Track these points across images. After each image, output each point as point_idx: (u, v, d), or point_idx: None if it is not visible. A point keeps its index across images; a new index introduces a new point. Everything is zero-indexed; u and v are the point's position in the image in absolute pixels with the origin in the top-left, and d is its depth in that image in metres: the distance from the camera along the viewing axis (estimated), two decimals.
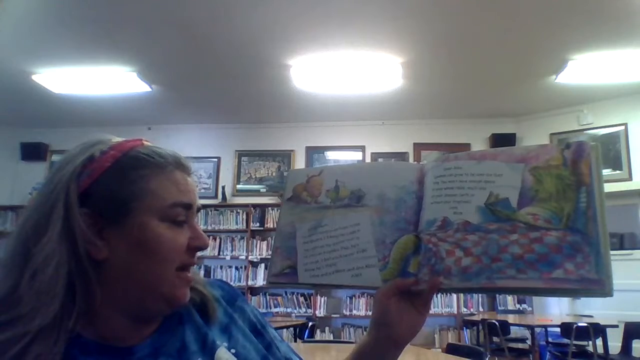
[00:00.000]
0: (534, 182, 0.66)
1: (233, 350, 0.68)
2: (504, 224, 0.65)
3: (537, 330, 4.53)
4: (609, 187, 5.28)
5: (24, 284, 0.56)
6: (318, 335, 5.44)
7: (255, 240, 6.02)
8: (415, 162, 0.72)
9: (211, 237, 6.05)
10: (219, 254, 5.99)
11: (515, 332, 4.90)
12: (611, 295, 0.59)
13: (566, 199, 0.63)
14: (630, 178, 5.29)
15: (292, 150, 6.34)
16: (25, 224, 0.60)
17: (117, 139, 0.66)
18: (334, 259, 0.75)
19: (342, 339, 5.30)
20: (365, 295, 5.70)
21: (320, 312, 5.74)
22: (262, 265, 5.93)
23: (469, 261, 0.66)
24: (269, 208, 6.04)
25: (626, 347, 4.23)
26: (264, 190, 6.28)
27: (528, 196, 0.66)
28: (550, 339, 4.69)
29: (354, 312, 5.69)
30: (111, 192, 0.60)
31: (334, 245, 0.76)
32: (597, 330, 3.97)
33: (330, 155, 6.33)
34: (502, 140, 5.94)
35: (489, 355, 3.80)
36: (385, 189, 0.76)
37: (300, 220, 0.79)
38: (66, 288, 0.56)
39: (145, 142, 0.67)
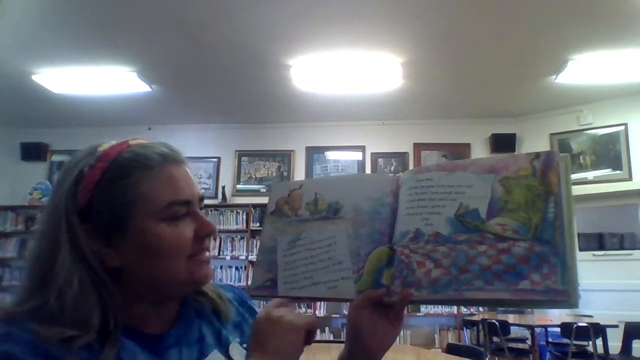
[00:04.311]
0: (503, 192, 0.66)
1: (245, 345, 0.73)
2: (472, 235, 0.65)
3: (537, 330, 4.53)
4: (609, 187, 5.30)
5: (52, 302, 0.59)
6: (318, 335, 5.43)
7: (255, 240, 6.01)
8: (391, 174, 0.74)
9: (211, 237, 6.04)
10: (219, 254, 5.98)
11: (515, 332, 4.90)
12: (576, 307, 0.59)
13: (535, 210, 0.63)
14: (630, 178, 5.29)
15: (292, 150, 6.34)
16: (37, 249, 0.63)
17: (103, 147, 0.66)
18: (311, 272, 0.75)
19: (342, 339, 5.28)
20: None
21: (320, 312, 5.74)
22: None
23: (438, 273, 0.66)
24: None
25: (626, 347, 4.23)
26: (264, 190, 6.28)
27: (497, 207, 0.65)
28: (550, 339, 4.69)
29: None
30: (107, 204, 0.62)
31: (312, 258, 0.76)
32: (597, 330, 3.97)
33: (330, 155, 6.32)
34: (502, 140, 5.94)
35: (489, 355, 3.80)
36: (360, 201, 0.76)
37: (281, 234, 0.80)
38: (99, 301, 0.60)
39: (131, 143, 0.67)
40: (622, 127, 5.37)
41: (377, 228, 0.74)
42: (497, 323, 4.32)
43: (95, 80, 4.90)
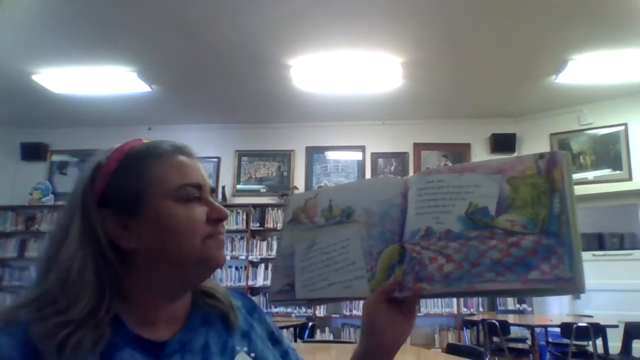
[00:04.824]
0: (510, 191, 0.70)
1: (253, 354, 0.74)
2: (483, 231, 0.69)
3: (537, 330, 4.54)
4: (609, 187, 5.30)
5: (54, 284, 0.62)
6: (318, 335, 5.44)
7: (255, 240, 6.02)
8: (399, 177, 0.79)
9: None
10: None
11: (515, 332, 4.90)
12: (584, 292, 0.63)
13: (541, 205, 0.67)
14: (630, 178, 5.29)
15: (292, 150, 6.34)
16: (52, 233, 0.68)
17: (119, 145, 0.72)
18: (327, 274, 0.79)
19: (342, 339, 5.30)
20: None
21: (320, 312, 5.74)
22: (262, 265, 5.93)
23: (450, 267, 0.69)
24: (269, 208, 6.03)
25: (626, 347, 4.23)
26: (264, 190, 6.28)
27: (505, 204, 0.69)
28: (550, 339, 4.69)
29: (354, 312, 5.69)
30: (123, 189, 0.67)
31: (327, 261, 0.80)
32: (597, 330, 3.97)
33: (330, 155, 6.32)
34: (502, 140, 5.94)
35: (489, 355, 3.80)
36: (372, 203, 0.80)
37: (298, 241, 0.84)
38: (97, 281, 0.63)
39: (144, 141, 0.73)
40: (622, 127, 5.37)
41: (388, 228, 0.77)
42: (497, 323, 4.33)
43: (95, 80, 4.90)
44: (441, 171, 0.76)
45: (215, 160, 6.37)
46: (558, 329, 4.17)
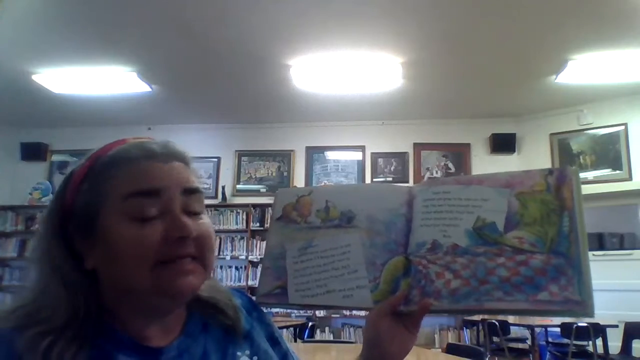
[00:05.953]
0: (519, 206, 0.68)
1: (255, 358, 0.70)
2: (491, 248, 0.67)
3: (537, 330, 4.53)
4: (609, 187, 5.30)
5: (32, 296, 0.58)
6: (318, 335, 5.44)
7: (255, 240, 6.02)
8: (404, 185, 0.76)
9: None
10: (219, 254, 5.97)
11: (515, 332, 4.90)
12: (592, 316, 0.62)
13: (550, 224, 0.66)
14: (630, 178, 5.29)
15: (292, 150, 6.34)
16: (35, 236, 0.64)
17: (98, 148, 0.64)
18: (324, 280, 0.76)
19: (342, 339, 5.30)
20: None
21: (320, 312, 5.73)
22: None
23: (458, 283, 0.68)
24: (269, 208, 6.00)
25: (626, 347, 4.23)
26: (264, 190, 6.28)
27: (514, 220, 0.68)
28: (550, 339, 4.69)
29: (354, 312, 5.68)
30: (84, 203, 0.60)
31: (325, 266, 0.76)
32: (597, 330, 3.97)
33: (330, 155, 6.32)
34: (502, 140, 5.94)
35: (489, 355, 3.80)
36: (375, 211, 0.77)
37: (290, 241, 0.80)
38: (71, 296, 0.57)
39: (128, 140, 0.64)
40: (622, 127, 5.37)
41: (392, 238, 0.75)
42: (497, 323, 4.33)
43: (95, 80, 4.90)
44: (447, 182, 0.75)
45: (215, 160, 6.37)
46: (558, 329, 4.18)
